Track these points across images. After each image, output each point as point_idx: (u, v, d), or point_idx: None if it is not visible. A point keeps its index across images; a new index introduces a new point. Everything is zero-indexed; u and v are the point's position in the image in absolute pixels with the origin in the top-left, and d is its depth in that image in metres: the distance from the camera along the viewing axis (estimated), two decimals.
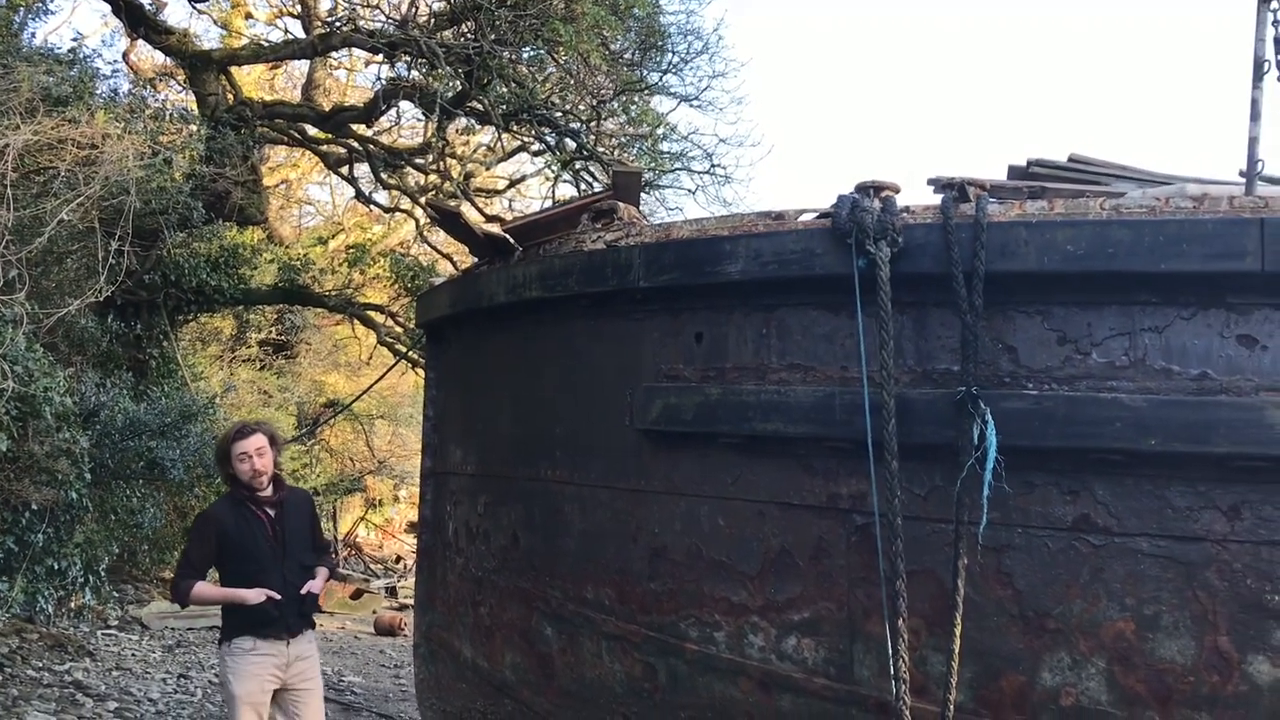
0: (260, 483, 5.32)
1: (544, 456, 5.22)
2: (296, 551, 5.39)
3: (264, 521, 5.33)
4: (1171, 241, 3.71)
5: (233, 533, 5.26)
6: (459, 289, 6.07)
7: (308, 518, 5.58)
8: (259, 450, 5.31)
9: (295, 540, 5.40)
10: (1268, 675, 3.63)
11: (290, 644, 5.34)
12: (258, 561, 5.26)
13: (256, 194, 13.93)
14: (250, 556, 5.25)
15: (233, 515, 5.30)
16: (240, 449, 5.30)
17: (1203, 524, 3.71)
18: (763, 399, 4.32)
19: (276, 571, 5.28)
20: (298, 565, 5.38)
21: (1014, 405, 3.85)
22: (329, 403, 22.27)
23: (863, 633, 4.14)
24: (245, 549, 5.26)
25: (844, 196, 4.21)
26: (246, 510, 5.31)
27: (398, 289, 16.15)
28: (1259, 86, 4.02)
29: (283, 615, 5.27)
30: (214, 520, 5.34)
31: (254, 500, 5.32)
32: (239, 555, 5.27)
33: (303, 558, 5.42)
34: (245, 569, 5.25)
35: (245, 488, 5.31)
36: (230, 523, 5.28)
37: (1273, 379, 3.69)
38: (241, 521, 5.28)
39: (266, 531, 5.31)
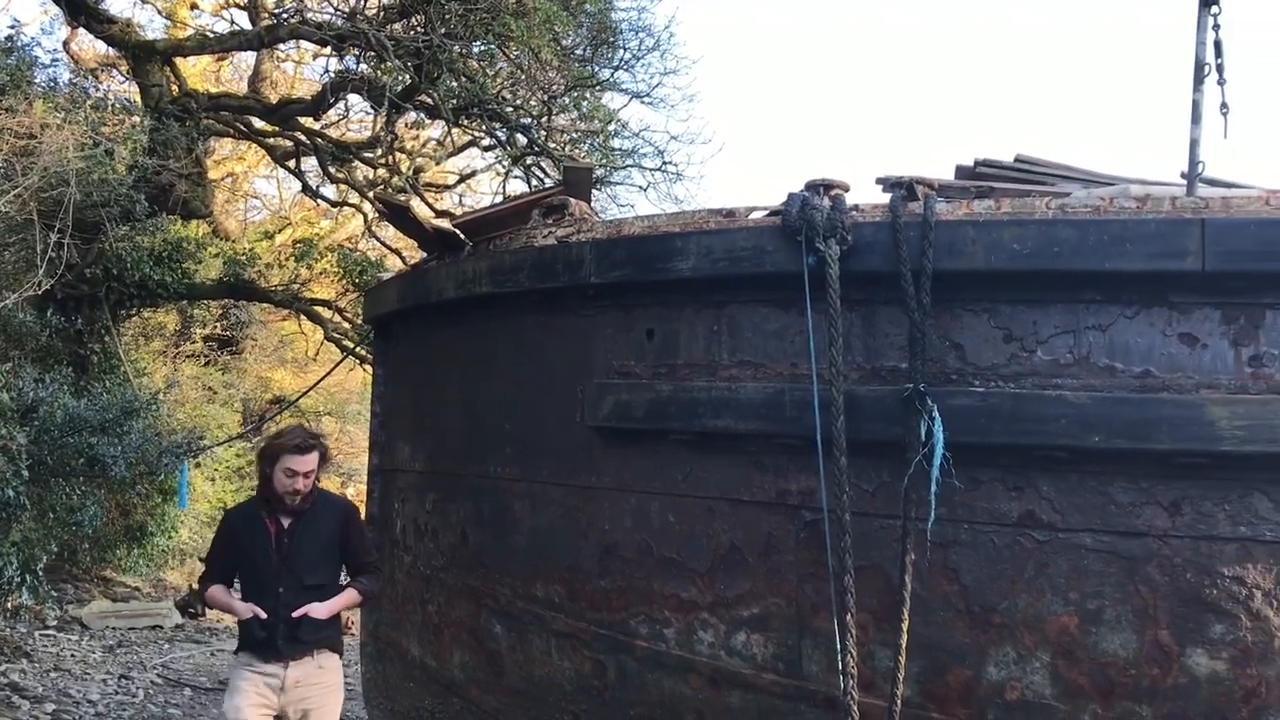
0: (294, 501, 4.83)
1: (494, 453, 5.19)
2: (303, 568, 4.81)
3: (270, 531, 4.83)
4: (1115, 241, 3.77)
5: (241, 539, 4.89)
6: (407, 284, 6.01)
7: (333, 533, 4.93)
8: (309, 472, 4.82)
9: (305, 556, 4.83)
10: (1205, 668, 3.70)
11: (289, 667, 4.78)
12: (257, 573, 4.84)
13: (201, 187, 13.73)
14: (254, 567, 4.86)
15: (247, 519, 4.91)
16: (289, 464, 4.79)
17: (1144, 519, 3.78)
18: (713, 396, 4.33)
19: (271, 588, 4.77)
20: (299, 584, 4.79)
21: (961, 402, 3.89)
22: (275, 399, 21.99)
23: (811, 628, 4.16)
24: (247, 557, 4.88)
25: (794, 195, 4.23)
26: (259, 517, 4.87)
27: (345, 284, 15.98)
28: (1199, 89, 4.08)
29: (271, 637, 4.73)
30: (228, 522, 5.02)
31: (271, 507, 4.87)
32: (244, 564, 4.92)
33: (310, 576, 4.83)
34: (248, 580, 4.90)
35: (275, 498, 4.84)
36: (241, 527, 4.91)
37: (1212, 377, 3.76)
38: (250, 528, 4.87)
39: (270, 542, 4.82)
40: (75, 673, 9.88)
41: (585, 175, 5.63)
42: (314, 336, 18.94)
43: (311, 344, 20.02)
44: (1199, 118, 4.10)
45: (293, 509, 4.83)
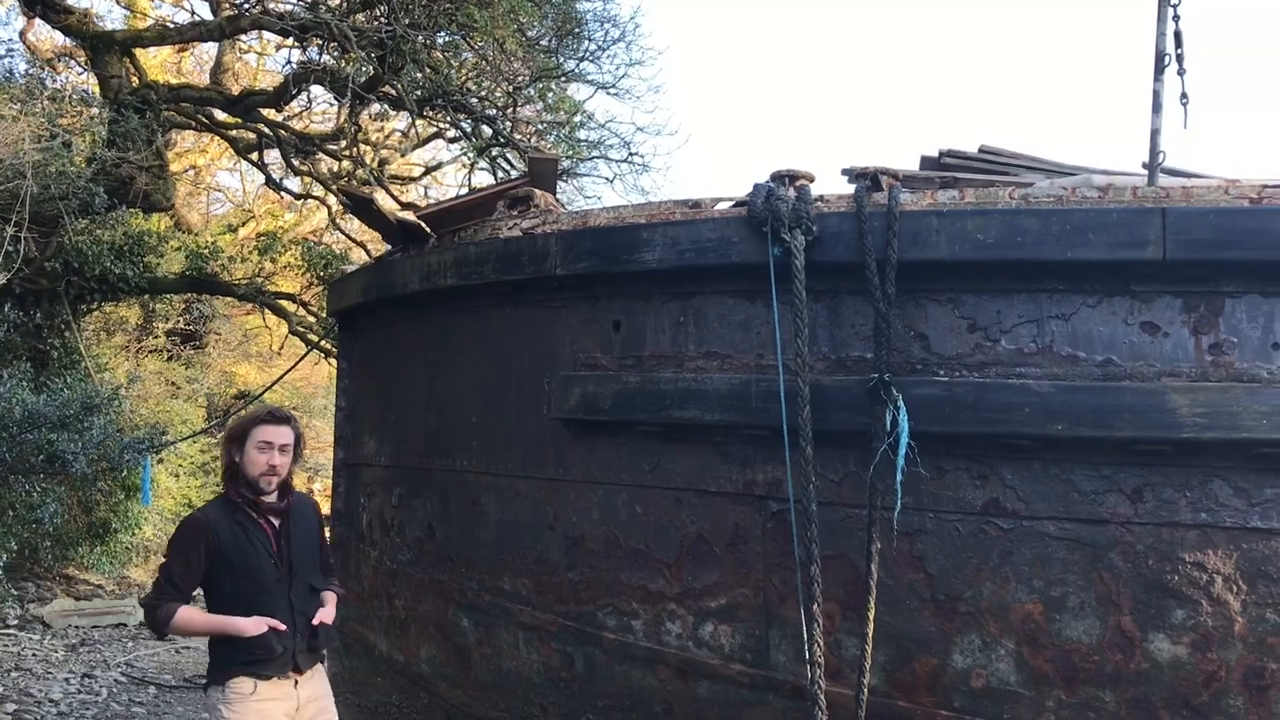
0: (269, 484, 4.31)
1: (460, 447, 5.16)
2: (305, 571, 4.40)
3: (267, 533, 4.32)
4: (1078, 230, 3.79)
5: (228, 545, 4.23)
6: (371, 277, 5.96)
7: (316, 532, 4.58)
8: (284, 446, 4.32)
9: (303, 559, 4.41)
10: (1167, 653, 3.75)
11: (300, 685, 4.30)
12: (258, 582, 4.25)
13: (162, 180, 13.55)
14: (250, 576, 4.24)
15: (229, 523, 4.26)
16: (263, 435, 4.29)
17: (1107, 507, 3.81)
18: (680, 387, 4.32)
19: (282, 595, 4.27)
20: (306, 588, 4.39)
21: (925, 392, 3.90)
22: (240, 394, 21.80)
23: (779, 618, 4.17)
24: (244, 566, 4.24)
25: (759, 185, 4.23)
26: (245, 518, 4.29)
27: (310, 277, 15.85)
28: (1160, 80, 4.12)
29: (288, 650, 4.23)
30: (204, 528, 4.24)
31: (255, 506, 4.32)
32: (236, 574, 4.24)
33: (312, 579, 4.44)
34: (243, 591, 4.24)
35: (248, 486, 4.30)
36: (226, 532, 4.24)
37: (1173, 365, 3.79)
38: (240, 531, 4.26)
39: (270, 546, 4.30)
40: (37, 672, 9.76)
41: (550, 166, 5.60)
42: (278, 330, 18.77)
43: (276, 338, 19.85)
44: (1159, 107, 4.13)
45: (277, 507, 4.36)
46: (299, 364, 11.65)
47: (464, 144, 15.76)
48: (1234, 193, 3.83)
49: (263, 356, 22.50)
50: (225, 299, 18.47)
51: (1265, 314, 3.75)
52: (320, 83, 12.78)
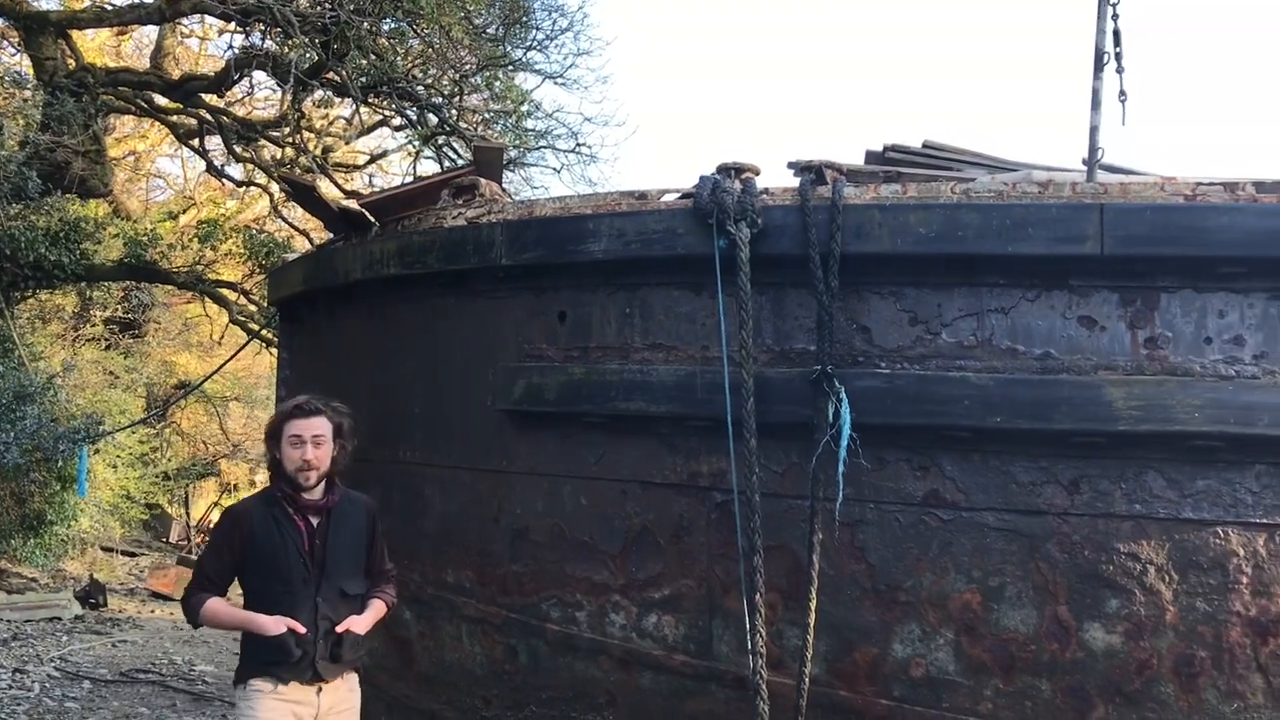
0: (307, 479, 4.10)
1: (403, 438, 5.12)
2: (339, 575, 4.15)
3: (300, 531, 4.12)
4: (1018, 225, 3.84)
5: (261, 539, 4.08)
6: (313, 265, 5.89)
7: (363, 534, 4.30)
8: (317, 438, 4.12)
9: (340, 560, 4.17)
10: (1102, 641, 3.82)
11: (323, 692, 4.08)
12: (285, 581, 4.06)
13: (100, 165, 13.28)
14: (276, 574, 4.07)
15: (264, 517, 4.12)
16: (294, 429, 4.12)
17: (1045, 498, 3.87)
18: (625, 378, 4.32)
19: (307, 597, 4.06)
20: (337, 592, 4.14)
21: (867, 384, 3.93)
22: (180, 384, 21.47)
23: (722, 609, 4.19)
24: (272, 563, 4.08)
25: (705, 177, 4.24)
26: (281, 513, 4.12)
27: (252, 266, 15.63)
28: (1099, 77, 4.18)
29: (308, 655, 4.01)
30: (240, 521, 4.14)
31: (294, 502, 4.13)
32: (264, 570, 4.09)
33: (346, 584, 4.18)
34: (270, 589, 4.07)
35: (288, 482, 4.13)
36: (259, 526, 4.09)
37: (1110, 358, 3.86)
38: (272, 526, 4.10)
39: (301, 544, 4.10)
40: None
41: (496, 155, 5.57)
42: (219, 319, 18.50)
43: (217, 327, 19.56)
44: (1099, 104, 4.20)
45: (317, 504, 4.15)
46: (239, 353, 11.47)
47: (409, 132, 15.61)
48: (1170, 190, 3.90)
49: (203, 346, 22.17)
50: (165, 287, 18.16)
51: (1198, 309, 3.82)
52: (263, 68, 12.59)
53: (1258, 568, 3.73)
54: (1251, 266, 3.75)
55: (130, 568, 18.26)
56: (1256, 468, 3.75)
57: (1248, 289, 3.79)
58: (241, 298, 16.24)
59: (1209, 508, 3.76)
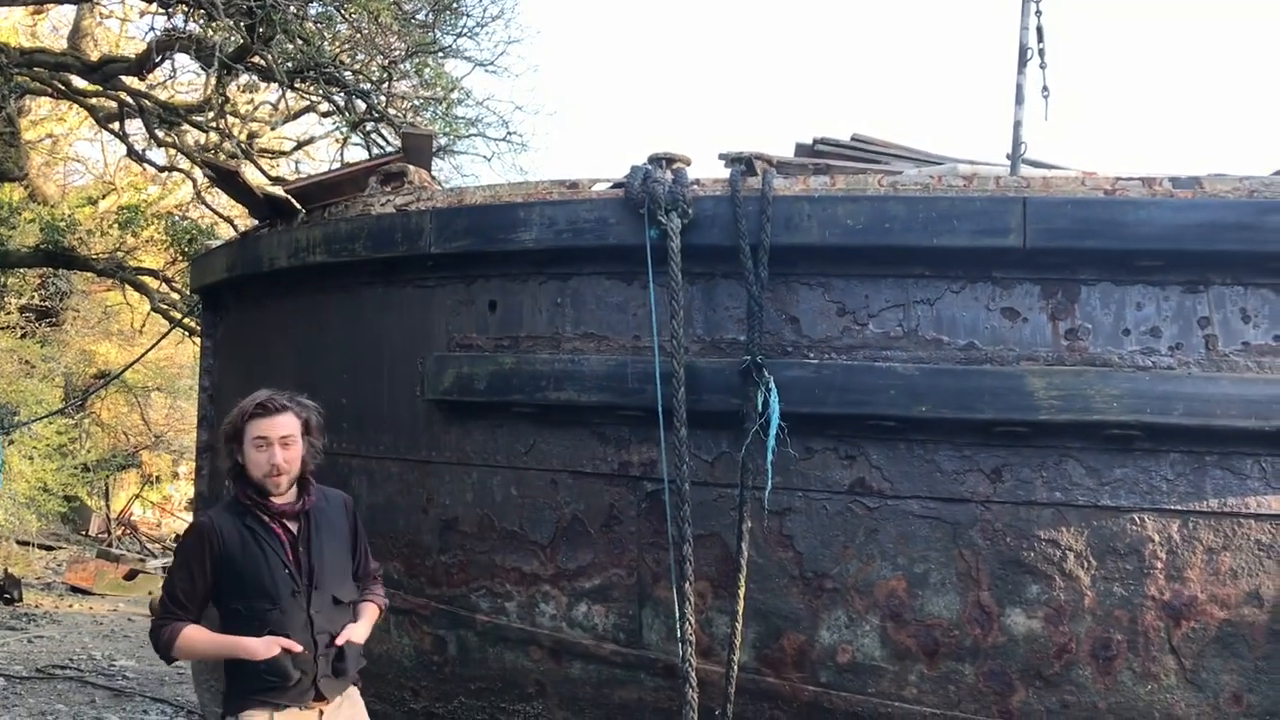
0: (277, 485, 3.69)
1: (329, 429, 5.02)
2: (329, 582, 3.75)
3: (281, 540, 3.70)
4: (943, 218, 3.90)
5: (235, 555, 3.63)
6: (237, 252, 5.78)
7: (346, 534, 3.92)
8: (285, 439, 3.69)
9: (328, 566, 3.76)
10: (1023, 626, 3.90)
11: (325, 715, 3.68)
12: (272, 597, 3.62)
13: (14, 148, 12.88)
14: (261, 590, 3.62)
15: (236, 529, 3.66)
16: (258, 430, 3.68)
17: (968, 486, 3.94)
18: (556, 368, 4.31)
19: (299, 611, 3.64)
20: (330, 601, 3.73)
21: (796, 374, 3.97)
22: (100, 373, 20.96)
23: (651, 598, 4.21)
24: (255, 579, 3.63)
25: (637, 167, 4.25)
26: (256, 522, 3.68)
27: (174, 253, 15.29)
28: (1023, 73, 4.26)
29: (307, 675, 3.59)
30: (209, 536, 3.65)
31: (266, 509, 3.70)
32: (245, 587, 3.63)
33: (339, 590, 3.79)
34: (255, 608, 3.61)
35: (255, 489, 3.70)
36: (234, 540, 3.64)
37: (1031, 349, 3.94)
38: (248, 539, 3.65)
39: (284, 554, 3.68)
40: None
41: (425, 142, 5.50)
42: (140, 308, 18.08)
43: (138, 315, 19.12)
44: (1022, 99, 4.29)
45: (293, 509, 3.73)
46: (160, 342, 11.22)
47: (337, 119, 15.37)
48: (1090, 184, 3.99)
49: (124, 334, 21.65)
50: (84, 274, 17.69)
51: (1117, 301, 3.92)
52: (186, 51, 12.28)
53: (1172, 553, 3.84)
54: (1168, 260, 3.86)
55: (47, 561, 17.81)
56: (1171, 456, 3.86)
57: (1164, 282, 3.89)
58: (163, 285, 15.88)
59: (1126, 495, 3.86)
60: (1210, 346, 3.88)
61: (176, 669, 10.13)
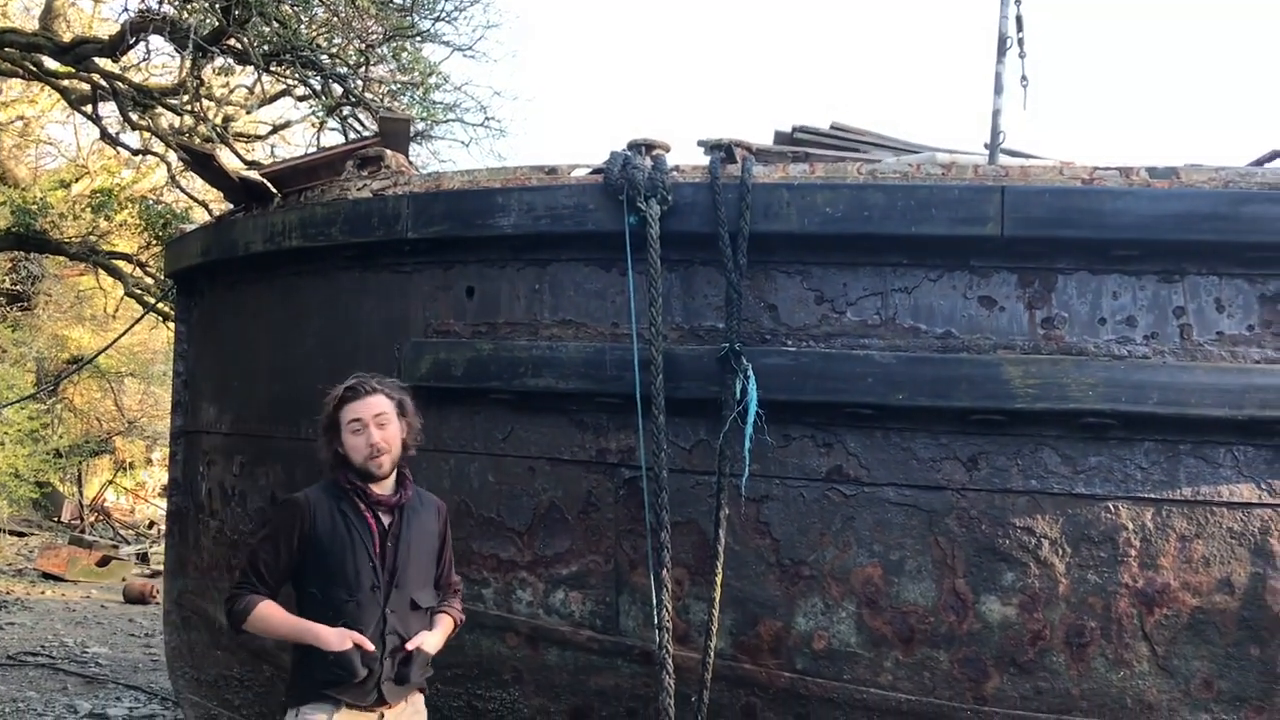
0: (380, 466, 3.56)
1: (305, 414, 4.99)
2: (410, 583, 3.59)
3: (372, 529, 3.56)
4: (921, 206, 3.91)
5: (325, 536, 3.51)
6: (212, 236, 5.72)
7: (435, 538, 3.75)
8: (379, 418, 3.58)
9: (412, 568, 3.61)
10: (998, 613, 3.93)
11: (384, 718, 3.54)
12: (351, 588, 3.48)
13: None
14: (341, 577, 3.48)
15: (330, 511, 3.54)
16: (353, 414, 3.58)
17: (944, 474, 3.96)
18: (534, 355, 4.30)
19: (375, 608, 3.49)
20: (408, 604, 3.58)
21: (774, 361, 3.98)
22: (72, 358, 20.79)
23: (628, 584, 4.21)
24: (336, 564, 3.50)
25: (616, 153, 4.23)
26: (350, 507, 3.56)
27: (148, 237, 15.15)
28: (1002, 62, 4.27)
29: (373, 675, 3.44)
30: (302, 512, 3.53)
31: (365, 495, 3.58)
32: (326, 573, 3.50)
33: (418, 594, 3.63)
34: (332, 595, 3.48)
35: (356, 473, 3.57)
36: (324, 521, 3.52)
37: (1008, 338, 3.96)
38: (339, 522, 3.53)
39: (372, 545, 3.54)
40: None
41: (403, 127, 5.47)
42: (114, 292, 17.92)
43: (111, 300, 18.95)
44: (1001, 89, 4.29)
45: (390, 500, 3.61)
46: (134, 327, 11.13)
47: (313, 103, 15.27)
48: (1068, 173, 4.01)
49: (97, 319, 21.48)
50: (56, 258, 17.52)
51: (1094, 290, 3.94)
52: (160, 33, 12.15)
53: (1145, 541, 3.87)
54: (1144, 249, 3.88)
55: (19, 548, 17.69)
56: (1145, 444, 3.88)
57: (1140, 271, 3.91)
58: (137, 270, 15.76)
59: (1100, 483, 3.89)
60: (1185, 336, 3.90)
61: (150, 655, 10.09)
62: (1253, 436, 3.84)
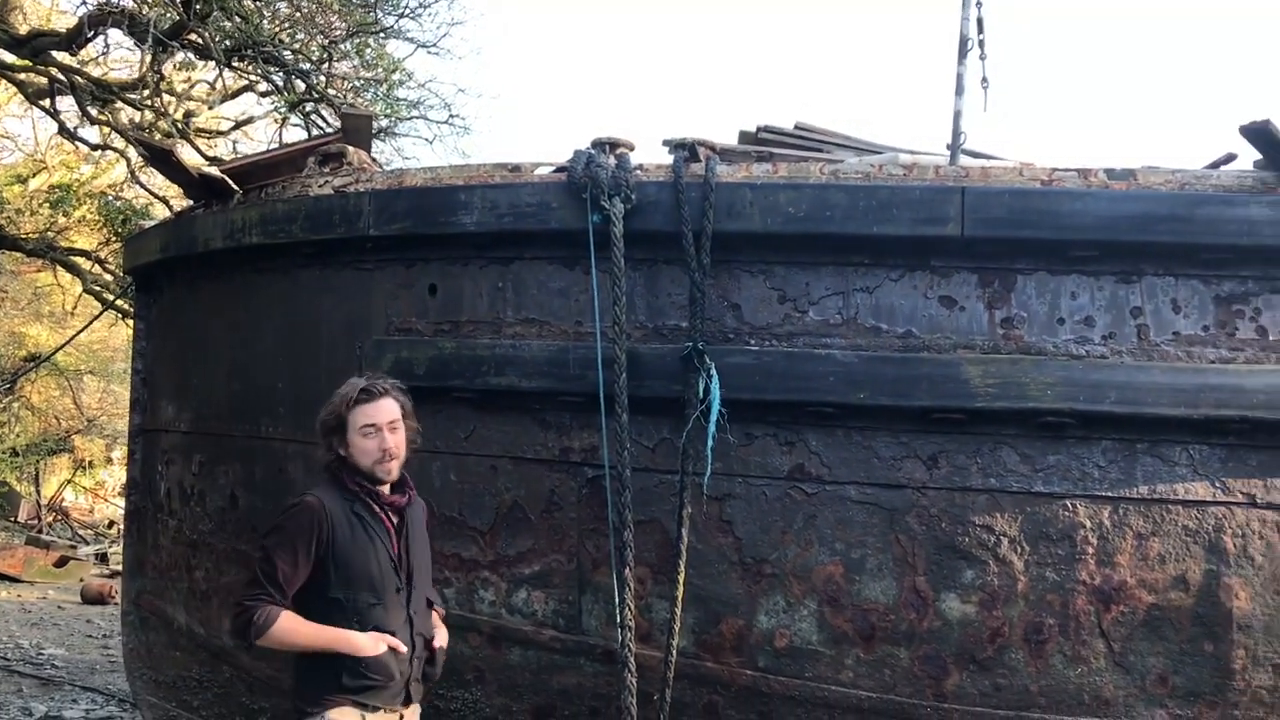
0: (389, 471, 3.53)
1: (266, 413, 4.97)
2: (422, 583, 3.62)
3: (390, 532, 3.52)
4: (883, 206, 3.93)
5: (346, 542, 3.41)
6: (171, 233, 5.66)
7: (427, 537, 3.78)
8: (393, 424, 3.54)
9: (420, 567, 3.62)
10: (957, 611, 3.96)
11: (404, 717, 3.53)
12: (377, 591, 3.43)
13: None
14: (366, 581, 3.42)
15: (346, 515, 3.46)
16: (366, 418, 3.51)
17: (905, 472, 3.99)
18: (497, 353, 4.29)
19: (400, 610, 3.48)
20: (424, 603, 3.63)
21: (737, 360, 3.99)
22: (30, 356, 20.47)
23: (591, 584, 4.21)
24: (360, 568, 3.42)
25: (580, 152, 4.23)
26: (366, 510, 3.50)
27: (108, 233, 14.95)
28: (963, 63, 4.30)
29: (404, 676, 3.46)
30: (318, 515, 3.41)
31: (376, 498, 3.54)
32: (350, 578, 3.41)
33: (428, 592, 3.71)
34: (358, 600, 3.41)
35: (365, 477, 3.53)
36: (344, 526, 3.43)
37: (968, 337, 3.99)
38: (359, 527, 3.45)
39: (391, 547, 3.51)
40: None
41: (365, 123, 5.43)
42: (72, 289, 17.67)
43: (70, 297, 18.68)
44: (962, 90, 4.33)
45: (398, 502, 3.57)
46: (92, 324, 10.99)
47: (276, 99, 15.12)
48: (1027, 174, 4.05)
49: (55, 316, 21.17)
50: (13, 254, 17.25)
51: (1052, 290, 3.98)
52: (119, 26, 12.01)
53: (1103, 539, 3.91)
54: (1102, 250, 3.92)
55: None
56: (1103, 443, 3.93)
57: (1098, 272, 3.96)
58: (96, 266, 15.55)
59: (1059, 482, 3.93)
60: (1142, 336, 3.95)
61: (108, 656, 9.97)
62: (1208, 436, 3.90)
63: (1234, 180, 4.01)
